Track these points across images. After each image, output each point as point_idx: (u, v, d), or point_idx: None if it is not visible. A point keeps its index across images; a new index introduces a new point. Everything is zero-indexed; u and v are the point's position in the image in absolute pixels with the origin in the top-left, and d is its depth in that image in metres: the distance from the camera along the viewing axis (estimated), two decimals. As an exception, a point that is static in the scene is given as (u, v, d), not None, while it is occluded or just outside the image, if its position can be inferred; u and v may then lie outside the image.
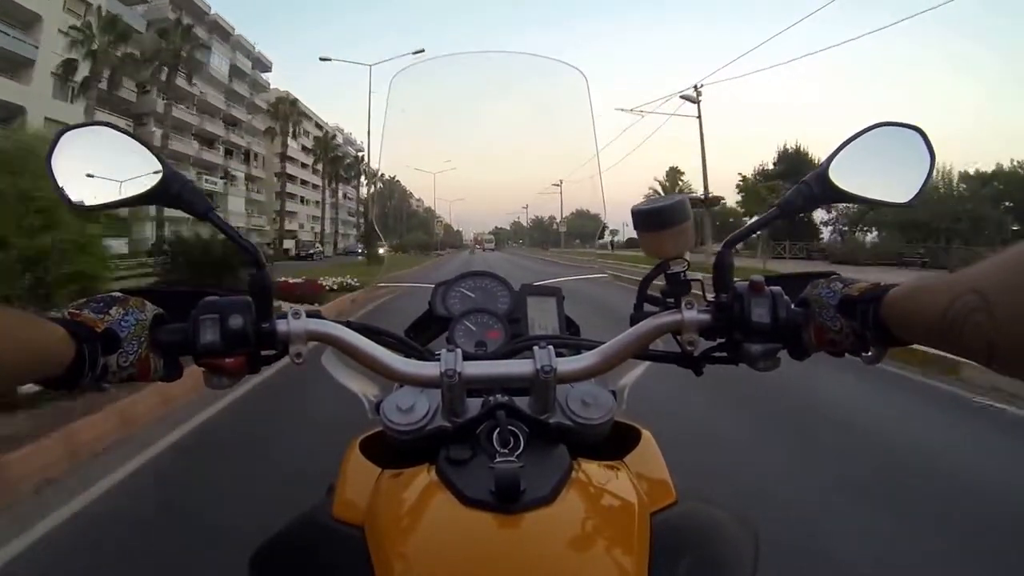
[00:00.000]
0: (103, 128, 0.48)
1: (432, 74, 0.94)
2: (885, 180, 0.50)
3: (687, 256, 0.53)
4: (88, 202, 0.47)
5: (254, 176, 38.48)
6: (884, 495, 2.13)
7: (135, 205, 0.49)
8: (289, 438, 2.77)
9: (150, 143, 0.48)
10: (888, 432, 2.87)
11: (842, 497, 2.11)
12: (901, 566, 1.69)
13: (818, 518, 1.94)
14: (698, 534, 0.49)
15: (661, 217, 0.52)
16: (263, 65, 40.57)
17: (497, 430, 0.48)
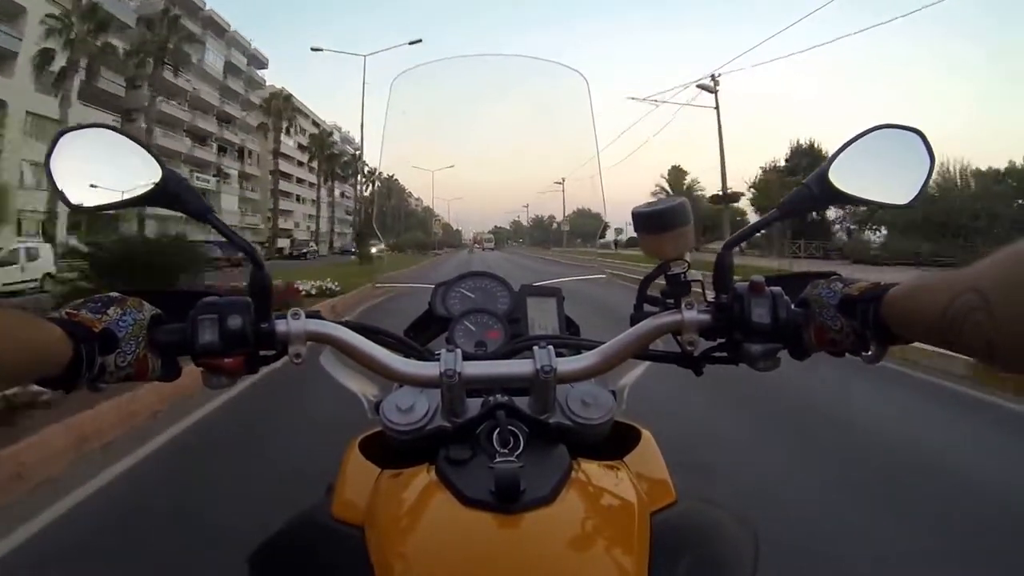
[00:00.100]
0: (102, 130, 0.49)
1: (433, 76, 0.95)
2: (885, 182, 0.51)
3: (687, 257, 0.54)
4: (87, 203, 0.49)
5: (248, 174, 38.25)
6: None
7: (134, 206, 0.50)
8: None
9: (149, 145, 0.49)
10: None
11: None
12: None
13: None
14: (698, 534, 0.50)
15: (662, 219, 0.53)
16: (259, 62, 40.35)
17: (497, 430, 0.49)
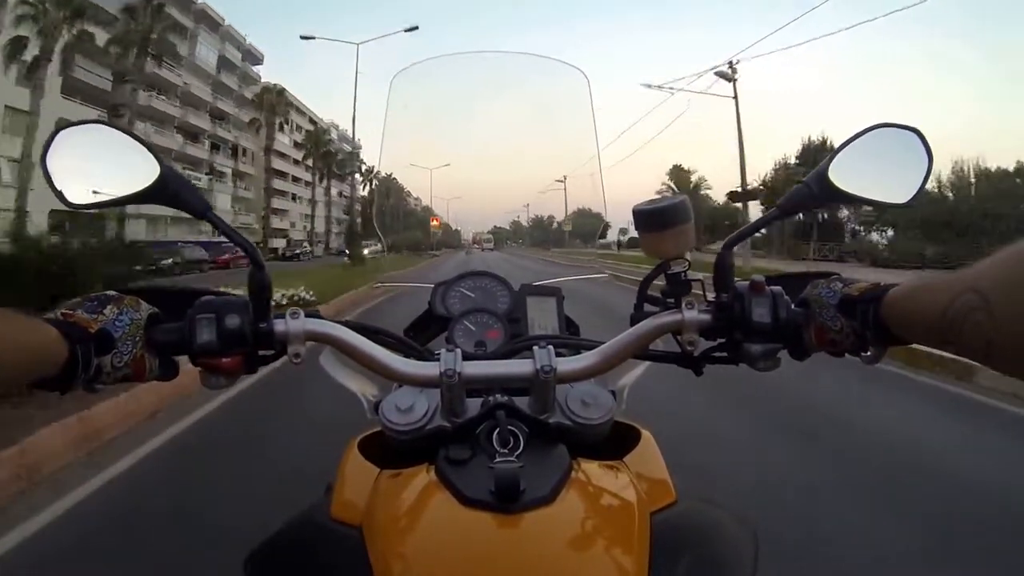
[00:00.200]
0: (100, 126, 0.49)
1: (432, 74, 0.96)
2: (884, 181, 0.52)
3: (688, 256, 0.55)
4: (85, 201, 0.49)
5: (242, 172, 37.99)
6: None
7: (132, 203, 0.50)
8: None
9: (149, 142, 0.49)
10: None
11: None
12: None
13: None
14: (698, 534, 0.51)
15: (662, 217, 0.54)
16: (254, 58, 40.09)
17: (497, 430, 0.50)
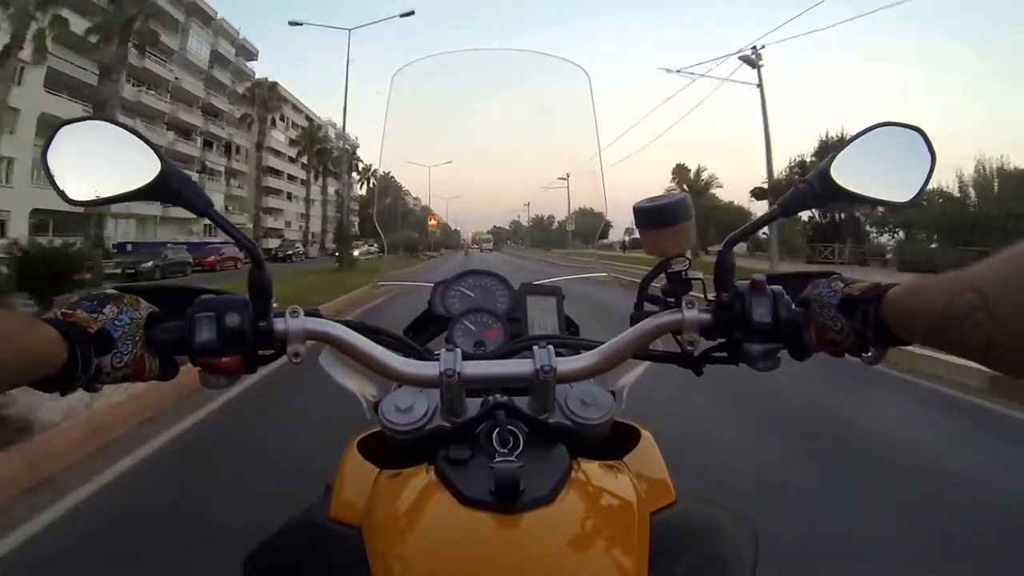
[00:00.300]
0: (101, 123, 0.50)
1: (433, 72, 0.97)
2: (886, 180, 0.53)
3: (688, 254, 0.56)
4: (85, 198, 0.50)
5: (236, 170, 37.85)
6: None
7: (133, 200, 0.51)
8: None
9: (149, 139, 0.50)
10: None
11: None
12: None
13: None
14: (698, 534, 0.52)
15: (663, 215, 0.55)
16: (248, 53, 39.89)
17: (496, 430, 0.51)
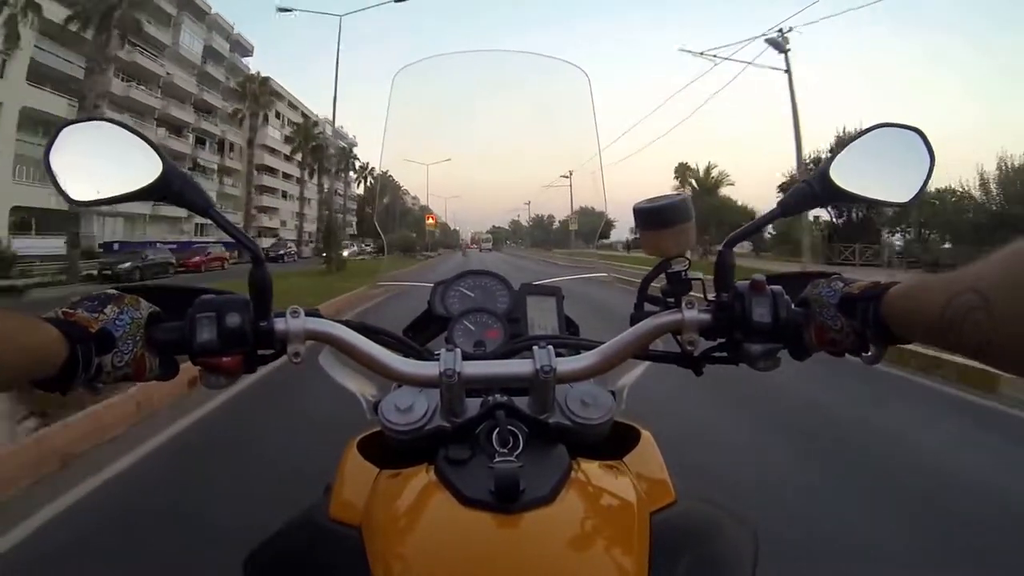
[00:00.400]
0: (103, 123, 0.51)
1: (434, 72, 0.99)
2: (886, 180, 0.55)
3: (688, 255, 0.58)
4: (88, 198, 0.51)
5: (230, 168, 37.69)
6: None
7: (135, 200, 0.52)
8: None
9: (151, 139, 0.51)
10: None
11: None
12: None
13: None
14: (697, 534, 0.53)
15: (663, 216, 0.57)
16: (243, 49, 39.71)
17: (496, 430, 0.52)
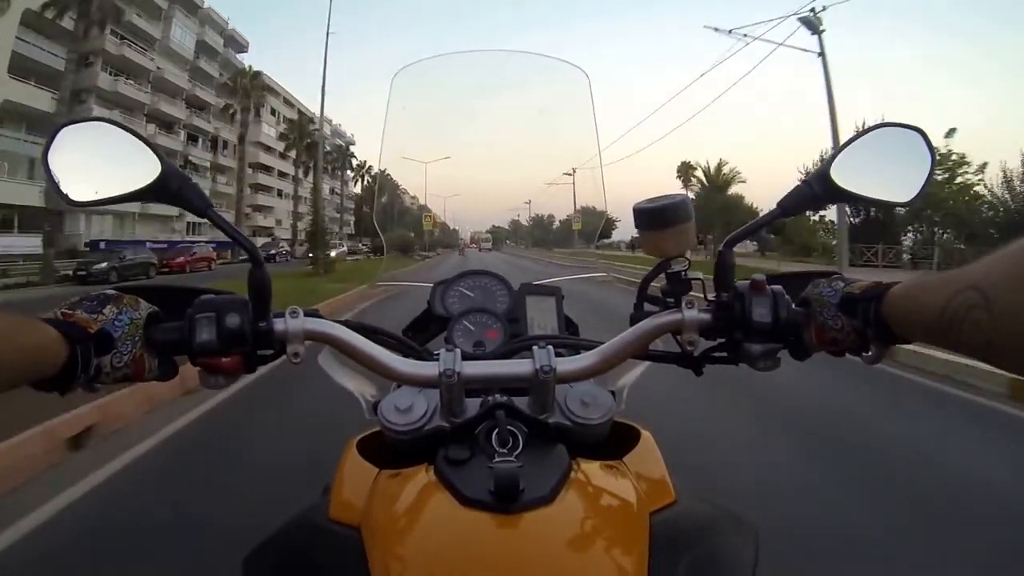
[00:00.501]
0: (102, 124, 0.52)
1: (434, 72, 1.01)
2: (886, 180, 0.56)
3: (688, 255, 0.59)
4: (86, 198, 0.52)
5: (223, 166, 37.52)
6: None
7: (133, 201, 0.53)
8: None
9: (150, 140, 0.53)
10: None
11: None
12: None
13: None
14: (697, 534, 0.54)
15: (663, 216, 0.58)
16: (238, 44, 39.52)
17: (496, 430, 0.54)
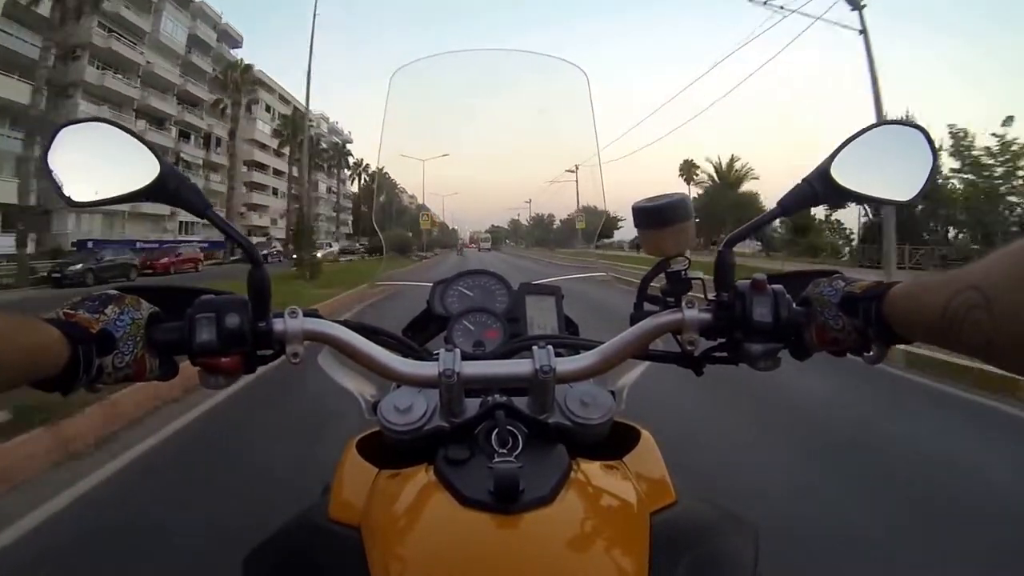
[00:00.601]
0: (101, 124, 0.54)
1: (432, 71, 1.02)
2: (887, 178, 0.57)
3: (688, 254, 0.60)
4: (87, 199, 0.53)
5: (216, 163, 37.43)
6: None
7: (133, 201, 0.55)
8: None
9: (149, 140, 0.54)
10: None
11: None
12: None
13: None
14: (698, 534, 0.55)
15: (662, 215, 0.59)
16: (232, 40, 39.47)
17: (496, 430, 0.55)
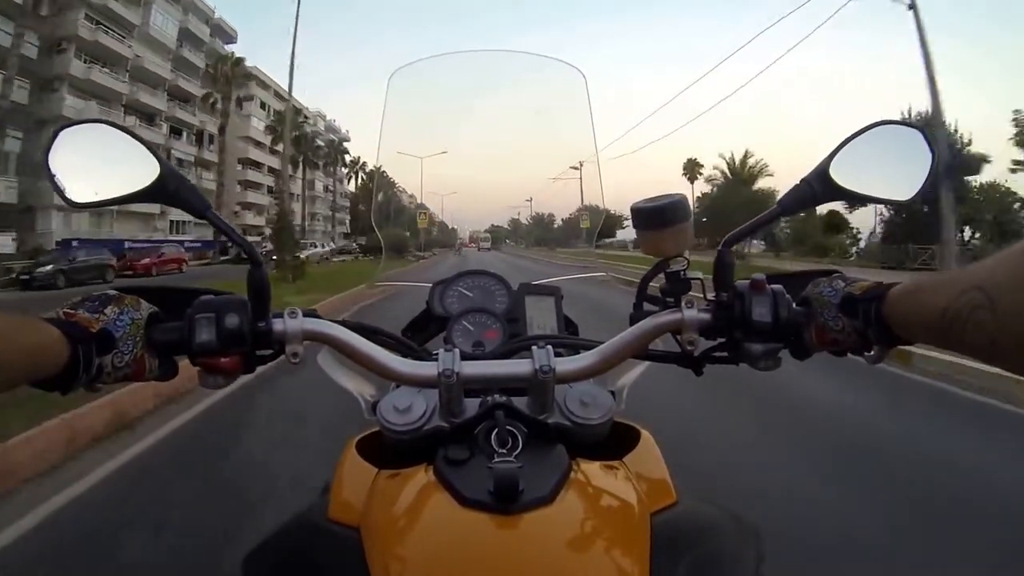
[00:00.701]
0: (101, 125, 0.55)
1: (430, 72, 1.04)
2: (886, 178, 0.58)
3: (687, 254, 0.61)
4: (87, 200, 0.55)
5: (209, 161, 37.29)
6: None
7: (132, 202, 0.56)
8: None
9: (149, 141, 0.55)
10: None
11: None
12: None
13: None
14: (698, 534, 0.56)
15: (661, 216, 0.60)
16: (226, 35, 39.44)
17: (495, 430, 0.56)
